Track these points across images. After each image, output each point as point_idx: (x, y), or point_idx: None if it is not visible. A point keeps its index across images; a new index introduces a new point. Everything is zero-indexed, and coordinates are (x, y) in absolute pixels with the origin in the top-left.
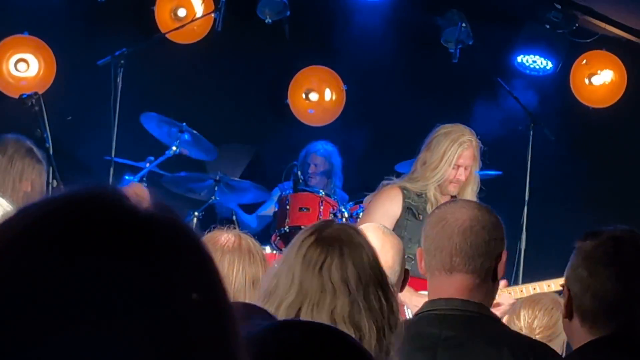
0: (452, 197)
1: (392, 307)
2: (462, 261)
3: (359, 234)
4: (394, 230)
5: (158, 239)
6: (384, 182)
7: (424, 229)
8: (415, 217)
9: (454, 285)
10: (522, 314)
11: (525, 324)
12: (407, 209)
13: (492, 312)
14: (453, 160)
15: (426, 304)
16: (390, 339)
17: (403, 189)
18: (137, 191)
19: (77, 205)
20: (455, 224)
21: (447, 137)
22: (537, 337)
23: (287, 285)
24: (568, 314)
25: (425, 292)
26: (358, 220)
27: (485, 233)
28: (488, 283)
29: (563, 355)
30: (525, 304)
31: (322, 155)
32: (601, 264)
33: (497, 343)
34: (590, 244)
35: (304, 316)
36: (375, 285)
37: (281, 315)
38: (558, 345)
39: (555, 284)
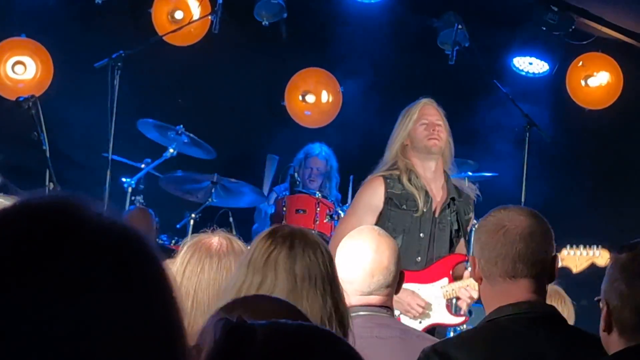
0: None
1: (337, 305)
2: (525, 267)
3: (316, 236)
4: (378, 221)
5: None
6: (370, 176)
7: (479, 237)
8: (398, 206)
9: (520, 289)
10: None
11: None
12: (389, 199)
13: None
14: (414, 118)
15: (504, 307)
16: None
17: (385, 177)
18: (138, 217)
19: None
20: (515, 231)
21: (407, 108)
22: None
23: (237, 276)
24: (607, 328)
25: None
26: (341, 217)
27: (544, 239)
28: (546, 285)
29: None
30: None
31: (324, 158)
32: (639, 276)
33: (583, 340)
34: (627, 256)
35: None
36: (323, 282)
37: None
38: None
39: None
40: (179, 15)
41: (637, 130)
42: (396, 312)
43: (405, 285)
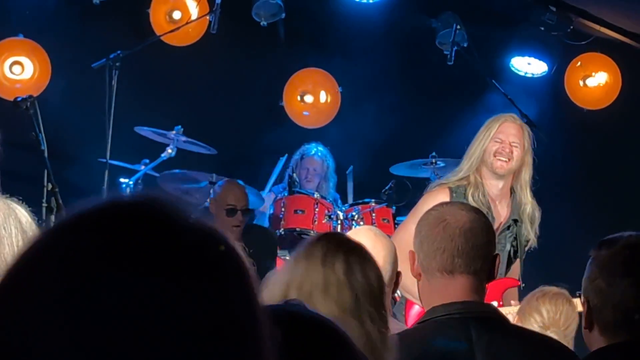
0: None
1: (384, 320)
2: (464, 262)
3: (363, 245)
4: None
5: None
6: (433, 183)
7: (419, 230)
8: None
9: (456, 287)
10: (543, 310)
11: (549, 319)
12: None
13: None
14: (491, 134)
15: (437, 308)
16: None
17: (451, 189)
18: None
19: (119, 219)
20: (456, 225)
21: (490, 119)
22: (564, 331)
23: (297, 279)
24: (588, 325)
25: None
26: (400, 225)
27: (485, 235)
28: (484, 284)
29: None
30: (545, 298)
31: (320, 158)
32: (619, 274)
33: (523, 340)
34: (606, 253)
35: (317, 298)
36: (377, 296)
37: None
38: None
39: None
40: (176, 15)
41: (635, 130)
42: None
43: None
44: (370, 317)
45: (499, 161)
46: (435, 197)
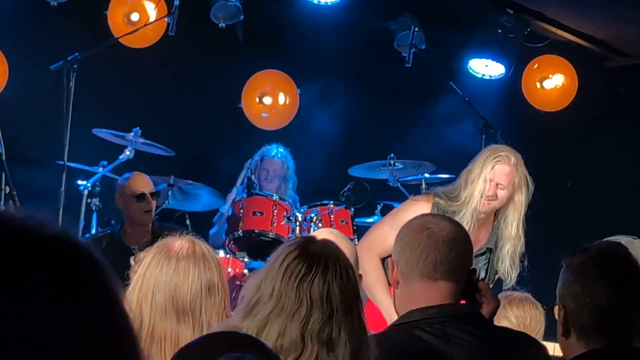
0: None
1: (365, 324)
2: (446, 270)
3: (341, 251)
4: None
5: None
6: (424, 192)
7: (401, 238)
8: None
9: (437, 292)
10: (511, 316)
11: (520, 325)
12: None
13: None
14: (487, 175)
15: (414, 312)
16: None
17: (435, 205)
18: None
19: None
20: (440, 234)
21: (489, 151)
22: (536, 335)
23: (267, 299)
24: (565, 332)
25: None
26: (375, 224)
27: (466, 246)
28: (461, 293)
29: None
30: (512, 304)
31: (280, 159)
32: (594, 277)
33: (502, 337)
34: (580, 259)
35: (276, 326)
36: (356, 305)
37: (255, 326)
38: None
39: None
40: (135, 17)
41: (591, 132)
42: None
43: None
44: (349, 328)
45: (482, 200)
46: (418, 207)
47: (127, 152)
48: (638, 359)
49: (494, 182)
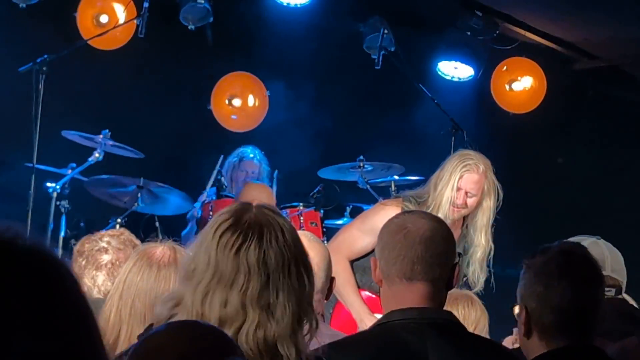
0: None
1: (311, 283)
2: (423, 269)
3: (279, 214)
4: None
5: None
6: (394, 196)
7: (381, 237)
8: None
9: (415, 293)
10: None
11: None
12: None
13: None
14: (455, 183)
15: (394, 312)
16: (303, 330)
17: (404, 209)
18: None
19: None
20: (417, 233)
21: (458, 158)
22: (474, 332)
23: (204, 268)
24: (527, 332)
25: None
26: (344, 226)
27: (445, 243)
28: (443, 292)
29: None
30: (448, 302)
31: (258, 161)
32: (555, 277)
33: (479, 347)
34: (541, 259)
35: (218, 295)
36: (296, 265)
37: (197, 297)
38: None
39: None
40: (104, 19)
41: (560, 134)
42: None
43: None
44: (287, 290)
45: (451, 208)
46: (386, 212)
47: (97, 154)
48: (597, 358)
49: (463, 190)
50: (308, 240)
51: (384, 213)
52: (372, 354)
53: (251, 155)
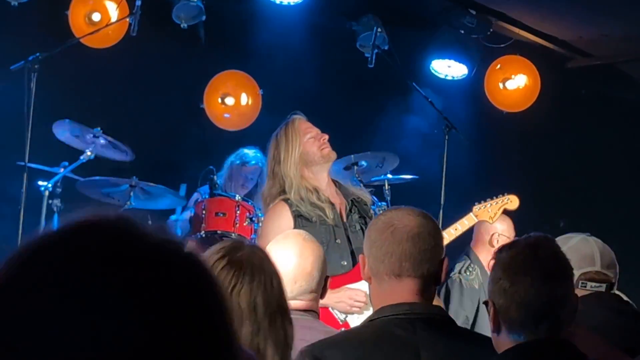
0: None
1: (291, 335)
2: (411, 266)
3: (269, 259)
4: None
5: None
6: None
7: (369, 235)
8: (309, 220)
9: (404, 289)
10: None
11: None
12: (298, 217)
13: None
14: (299, 135)
15: (385, 308)
16: None
17: (284, 200)
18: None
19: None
20: (404, 230)
21: (280, 131)
22: None
23: None
24: (496, 328)
25: (350, 286)
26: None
27: (432, 239)
28: (432, 287)
29: None
30: None
31: (261, 167)
32: (521, 272)
33: (469, 341)
34: (507, 254)
35: None
36: (280, 314)
37: None
38: None
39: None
40: (96, 17)
41: (553, 132)
42: (341, 316)
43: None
44: (275, 340)
45: (325, 149)
46: (275, 211)
47: (88, 153)
48: (563, 349)
49: (316, 133)
50: (303, 239)
51: (273, 212)
52: (365, 350)
53: (254, 162)
